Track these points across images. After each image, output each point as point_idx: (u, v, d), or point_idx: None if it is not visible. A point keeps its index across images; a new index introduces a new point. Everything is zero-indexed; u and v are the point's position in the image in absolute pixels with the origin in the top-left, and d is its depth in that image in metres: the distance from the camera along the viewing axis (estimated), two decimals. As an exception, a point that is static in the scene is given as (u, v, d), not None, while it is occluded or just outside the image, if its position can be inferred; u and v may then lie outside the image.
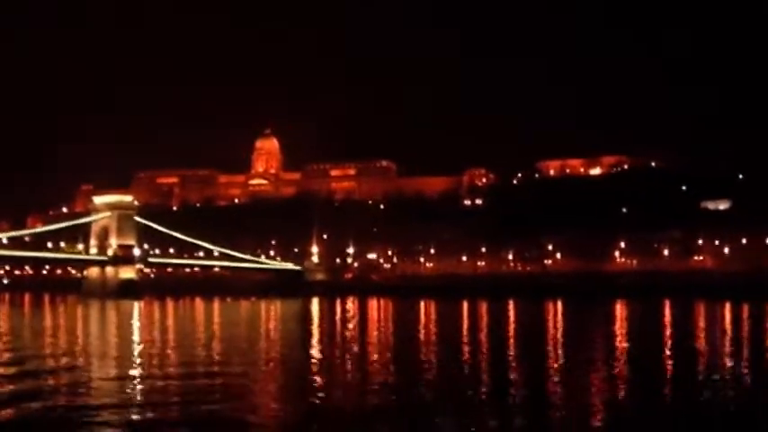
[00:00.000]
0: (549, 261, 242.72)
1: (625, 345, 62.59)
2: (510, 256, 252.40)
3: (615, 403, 34.78)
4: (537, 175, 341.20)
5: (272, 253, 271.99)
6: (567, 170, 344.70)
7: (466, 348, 59.88)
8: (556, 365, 48.53)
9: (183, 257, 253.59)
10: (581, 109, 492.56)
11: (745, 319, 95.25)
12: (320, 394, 37.96)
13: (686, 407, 34.64)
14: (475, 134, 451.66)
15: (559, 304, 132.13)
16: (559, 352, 57.31)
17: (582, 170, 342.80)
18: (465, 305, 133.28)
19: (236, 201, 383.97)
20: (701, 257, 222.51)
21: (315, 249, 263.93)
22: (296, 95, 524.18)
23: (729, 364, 48.84)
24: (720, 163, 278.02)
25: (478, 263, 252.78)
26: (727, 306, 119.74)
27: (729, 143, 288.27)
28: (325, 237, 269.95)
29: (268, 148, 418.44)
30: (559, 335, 74.11)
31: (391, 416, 32.38)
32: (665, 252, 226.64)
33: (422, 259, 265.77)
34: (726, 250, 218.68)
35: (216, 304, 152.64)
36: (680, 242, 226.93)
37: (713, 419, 31.90)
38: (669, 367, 48.44)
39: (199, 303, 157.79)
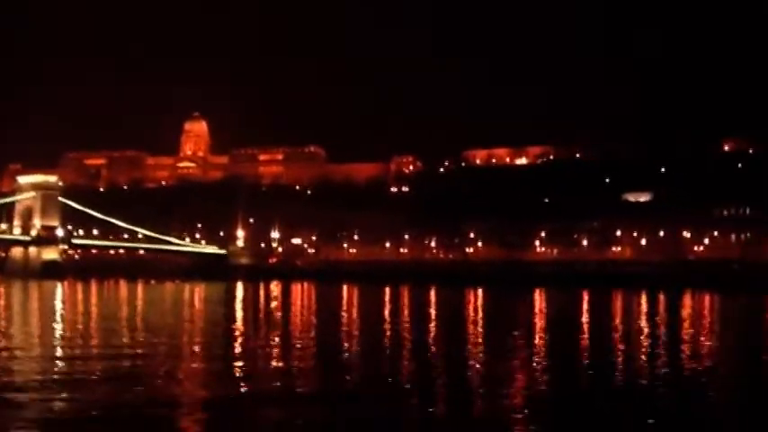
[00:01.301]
0: (471, 249, 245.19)
1: (544, 332, 63.97)
2: (433, 244, 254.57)
3: (534, 388, 35.52)
4: (463, 164, 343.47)
5: (197, 236, 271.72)
6: (494, 159, 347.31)
7: (387, 334, 61.03)
8: (475, 352, 49.39)
9: (108, 239, 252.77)
10: (509, 99, 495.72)
11: (660, 308, 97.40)
12: (244, 378, 38.35)
13: (602, 392, 35.70)
14: (404, 122, 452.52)
15: (480, 292, 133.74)
16: (479, 339, 58.25)
17: (508, 160, 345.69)
18: (387, 291, 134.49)
19: (164, 183, 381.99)
20: (620, 248, 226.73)
21: (240, 233, 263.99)
22: (226, 78, 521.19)
23: (644, 350, 50.40)
24: (643, 156, 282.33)
25: (402, 249, 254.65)
26: (644, 296, 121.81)
27: (653, 137, 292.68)
28: (251, 221, 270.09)
29: (197, 131, 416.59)
30: (479, 322, 75.40)
31: (313, 401, 32.79)
32: (585, 242, 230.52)
33: (345, 245, 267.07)
34: (643, 241, 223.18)
35: (140, 286, 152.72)
36: (599, 232, 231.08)
37: (628, 403, 33.06)
38: (586, 354, 49.70)
39: (123, 285, 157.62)
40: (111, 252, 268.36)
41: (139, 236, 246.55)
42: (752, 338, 60.25)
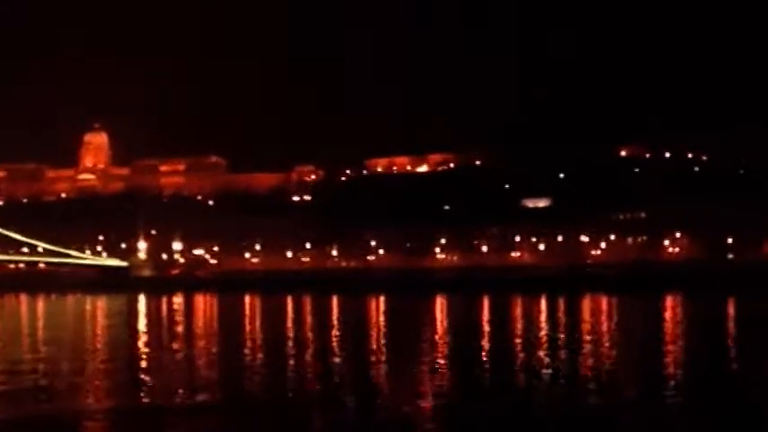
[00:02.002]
0: (372, 257, 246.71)
1: (445, 338, 65.16)
2: (334, 252, 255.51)
3: (437, 393, 36.22)
4: (365, 172, 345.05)
5: (99, 249, 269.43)
6: (395, 168, 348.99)
7: (290, 343, 61.72)
8: (379, 358, 50.51)
9: (7, 253, 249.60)
10: (410, 107, 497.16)
11: (560, 311, 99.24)
12: (148, 391, 38.67)
13: (506, 396, 36.57)
14: (305, 131, 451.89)
15: (381, 299, 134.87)
16: (382, 345, 59.49)
17: (409, 167, 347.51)
18: (289, 300, 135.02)
19: (64, 196, 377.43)
20: (519, 253, 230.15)
21: (142, 245, 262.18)
22: (126, 89, 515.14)
23: (544, 353, 51.75)
24: (543, 162, 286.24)
25: (303, 258, 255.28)
26: (543, 300, 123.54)
27: (552, 142, 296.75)
28: (153, 233, 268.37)
29: (97, 143, 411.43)
30: (382, 329, 76.46)
31: (218, 411, 33.22)
32: (484, 248, 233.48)
33: (247, 255, 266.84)
34: (541, 246, 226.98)
35: (41, 300, 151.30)
36: (498, 238, 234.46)
37: (529, 406, 34.08)
38: (487, 358, 50.83)
39: (23, 300, 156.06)
40: (11, 266, 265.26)
41: (39, 249, 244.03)
42: (650, 339, 61.89)
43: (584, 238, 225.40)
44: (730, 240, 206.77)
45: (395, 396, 35.98)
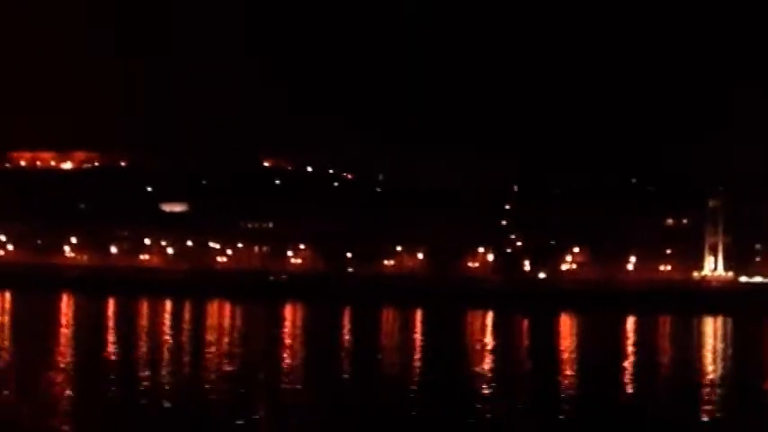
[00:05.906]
0: (2, 252, 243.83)
1: (68, 339, 69.91)
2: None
3: (66, 394, 39.96)
4: (8, 165, 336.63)
5: None
6: (39, 163, 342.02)
7: None
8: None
9: None
10: (60, 103, 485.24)
11: (186, 315, 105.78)
12: None
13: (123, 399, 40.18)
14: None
15: (7, 295, 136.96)
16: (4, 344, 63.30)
17: (53, 163, 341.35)
18: None
19: None
20: (148, 256, 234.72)
21: None
22: None
23: (166, 356, 57.46)
24: (187, 168, 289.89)
25: None
26: (168, 303, 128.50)
27: (198, 150, 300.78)
28: None
29: None
30: (4, 327, 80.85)
31: None
32: (114, 249, 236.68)
33: None
34: (170, 250, 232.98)
35: None
36: (129, 240, 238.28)
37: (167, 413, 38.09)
38: (112, 359, 55.18)
39: None
40: None
41: None
42: (267, 345, 69.21)
43: (214, 245, 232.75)
44: (350, 255, 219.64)
45: (22, 396, 39.26)
